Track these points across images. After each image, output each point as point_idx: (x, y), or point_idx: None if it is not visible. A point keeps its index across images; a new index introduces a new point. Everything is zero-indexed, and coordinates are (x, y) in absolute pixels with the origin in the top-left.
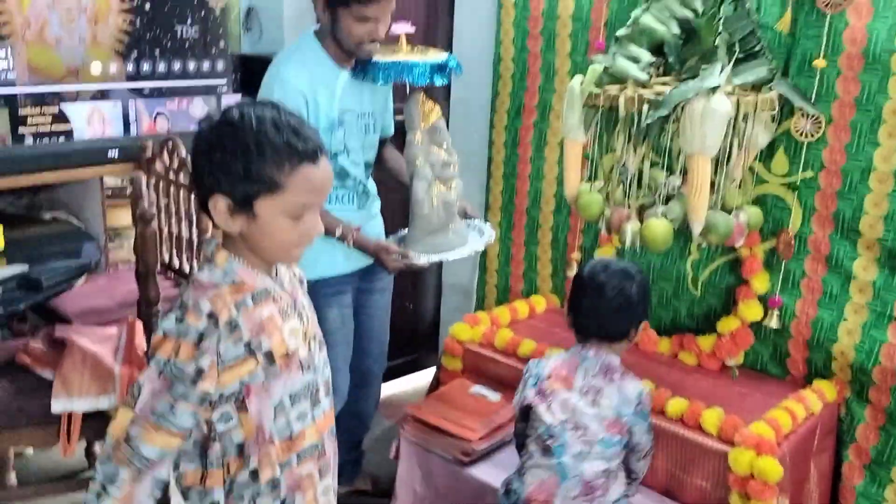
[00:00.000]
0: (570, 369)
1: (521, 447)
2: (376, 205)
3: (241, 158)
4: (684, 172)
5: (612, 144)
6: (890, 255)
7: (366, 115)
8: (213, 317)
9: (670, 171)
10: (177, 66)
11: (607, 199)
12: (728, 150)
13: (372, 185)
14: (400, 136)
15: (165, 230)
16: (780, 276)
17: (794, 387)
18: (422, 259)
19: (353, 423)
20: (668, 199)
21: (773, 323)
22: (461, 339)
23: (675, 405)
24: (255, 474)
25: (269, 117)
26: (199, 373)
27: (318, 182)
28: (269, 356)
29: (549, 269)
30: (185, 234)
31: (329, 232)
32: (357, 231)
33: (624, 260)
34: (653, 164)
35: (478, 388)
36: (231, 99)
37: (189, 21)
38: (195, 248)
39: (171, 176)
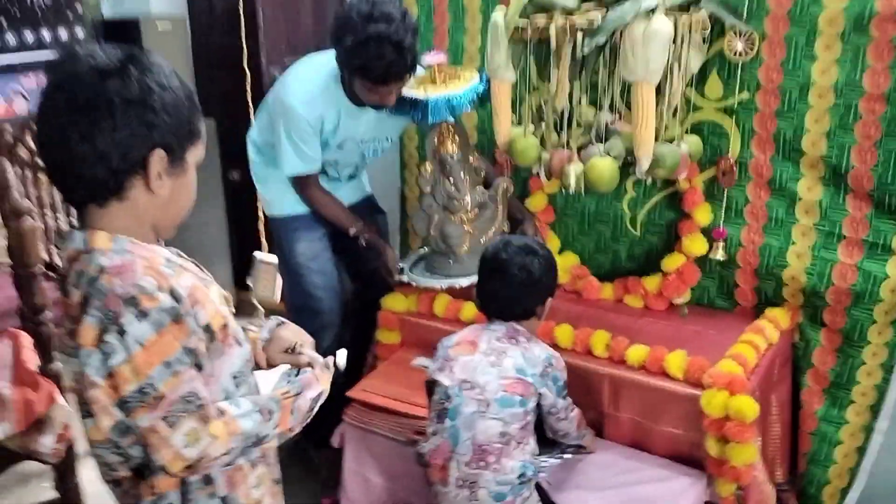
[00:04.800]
0: (476, 335)
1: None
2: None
3: (173, 108)
4: (614, 106)
5: (534, 82)
6: (834, 173)
7: (370, 140)
8: (168, 291)
9: (598, 106)
10: (29, 37)
11: (542, 142)
12: (666, 76)
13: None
14: None
15: (40, 224)
16: (723, 206)
17: (744, 318)
18: (403, 277)
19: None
20: (600, 137)
21: (720, 255)
22: (396, 310)
23: (636, 353)
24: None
25: (164, 69)
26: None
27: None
28: (209, 330)
29: None
30: (63, 226)
31: (344, 228)
32: (371, 232)
33: (527, 236)
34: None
35: (421, 360)
36: None
37: None
38: None
39: (40, 162)
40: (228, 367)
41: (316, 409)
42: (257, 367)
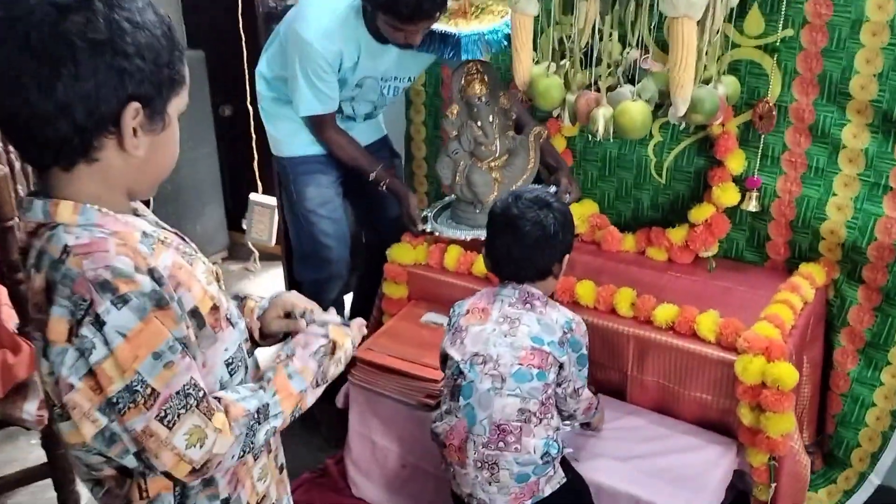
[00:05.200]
0: (488, 302)
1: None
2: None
3: (149, 50)
4: (642, 43)
5: (556, 16)
6: (885, 119)
7: (391, 78)
8: (147, 272)
9: (624, 42)
10: None
11: (565, 82)
12: (707, 10)
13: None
14: None
15: (18, 167)
16: (759, 153)
17: (775, 273)
18: (426, 226)
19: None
20: (628, 77)
21: (752, 206)
22: (404, 262)
23: (664, 312)
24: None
25: (137, 2)
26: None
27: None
28: (196, 316)
29: None
30: None
31: (363, 172)
32: (391, 177)
33: (539, 187)
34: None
35: (430, 316)
36: None
37: None
38: None
39: None
40: (222, 355)
41: (333, 368)
42: (251, 338)
